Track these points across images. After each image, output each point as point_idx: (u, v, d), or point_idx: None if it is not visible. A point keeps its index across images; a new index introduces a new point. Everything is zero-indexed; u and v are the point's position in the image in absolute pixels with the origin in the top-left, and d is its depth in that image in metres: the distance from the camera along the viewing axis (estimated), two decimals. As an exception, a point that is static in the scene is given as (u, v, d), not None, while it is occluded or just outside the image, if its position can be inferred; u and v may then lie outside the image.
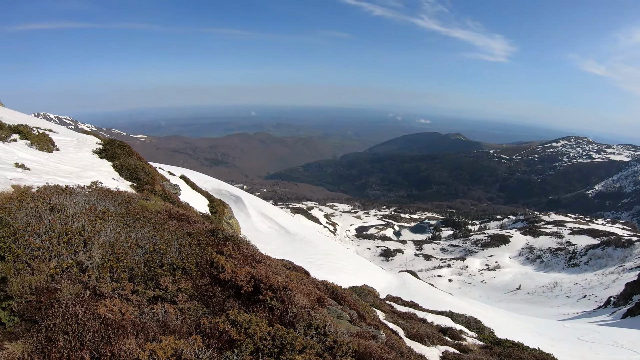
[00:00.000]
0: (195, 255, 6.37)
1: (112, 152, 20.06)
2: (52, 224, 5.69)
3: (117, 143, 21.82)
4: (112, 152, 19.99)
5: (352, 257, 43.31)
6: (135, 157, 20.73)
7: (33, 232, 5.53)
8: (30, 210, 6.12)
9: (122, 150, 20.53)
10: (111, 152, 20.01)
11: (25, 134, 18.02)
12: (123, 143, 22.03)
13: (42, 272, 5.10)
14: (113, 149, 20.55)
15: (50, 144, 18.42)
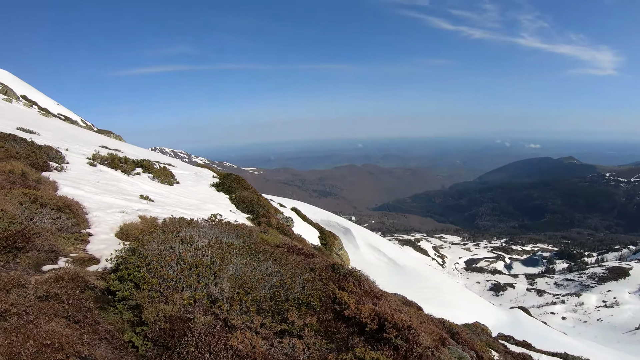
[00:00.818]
0: (319, 291, 7.00)
1: (229, 185, 22.30)
2: (182, 256, 6.78)
3: (232, 177, 24.09)
4: (228, 186, 22.24)
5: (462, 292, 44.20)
6: (251, 191, 22.73)
7: (165, 263, 6.65)
8: (162, 242, 7.29)
9: (238, 183, 22.66)
10: (227, 186, 22.27)
11: (148, 167, 20.86)
12: (238, 177, 24.30)
13: (175, 302, 6.09)
14: (229, 182, 22.81)
15: (171, 177, 21.08)
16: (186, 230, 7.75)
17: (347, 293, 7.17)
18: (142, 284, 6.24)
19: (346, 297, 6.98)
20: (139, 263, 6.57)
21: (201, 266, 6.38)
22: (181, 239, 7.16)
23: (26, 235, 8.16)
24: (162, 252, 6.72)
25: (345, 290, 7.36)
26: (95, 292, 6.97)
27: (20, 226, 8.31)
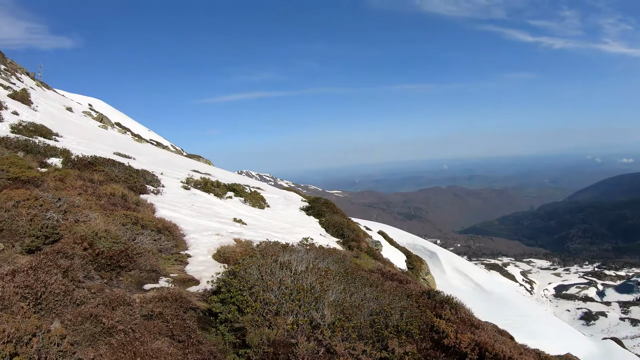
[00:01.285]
0: (417, 318, 7.09)
1: (318, 209, 23.07)
2: (283, 281, 7.19)
3: (322, 201, 24.89)
4: (317, 210, 23.01)
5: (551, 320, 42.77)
6: (340, 214, 23.30)
7: (267, 287, 7.06)
8: (262, 266, 7.69)
9: (327, 207, 23.35)
10: (317, 210, 23.04)
11: (239, 191, 21.99)
12: (327, 201, 25.06)
13: (279, 326, 6.35)
14: (319, 206, 23.59)
15: (262, 201, 22.07)
16: (284, 255, 8.12)
17: (444, 321, 7.16)
18: (245, 307, 6.50)
19: (444, 325, 6.96)
20: (241, 286, 6.87)
21: (302, 291, 6.63)
22: (280, 264, 7.49)
23: (129, 254, 8.95)
24: (263, 277, 6.98)
25: (442, 319, 7.36)
26: (197, 313, 7.32)
27: (123, 246, 9.12)
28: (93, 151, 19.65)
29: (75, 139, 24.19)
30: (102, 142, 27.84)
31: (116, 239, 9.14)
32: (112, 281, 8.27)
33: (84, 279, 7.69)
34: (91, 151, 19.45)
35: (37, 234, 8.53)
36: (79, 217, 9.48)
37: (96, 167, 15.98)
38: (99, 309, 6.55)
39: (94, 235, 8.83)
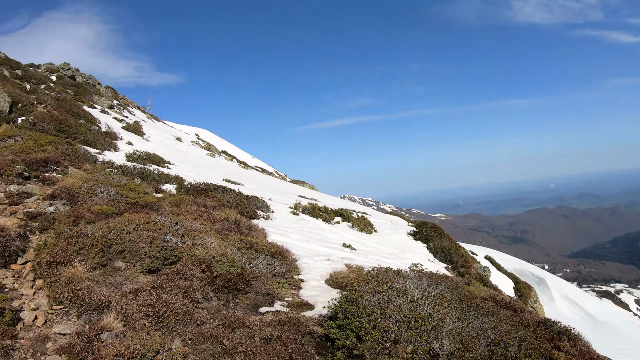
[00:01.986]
0: (536, 350, 6.80)
1: (425, 234, 22.89)
2: (402, 309, 7.17)
3: (429, 225, 24.67)
4: (425, 234, 22.83)
5: None
6: (447, 239, 22.90)
7: (385, 315, 7.07)
8: (378, 293, 7.74)
9: (435, 232, 23.07)
10: (424, 234, 22.87)
11: (347, 216, 22.26)
12: (435, 225, 24.79)
13: (398, 355, 6.35)
14: (426, 231, 23.41)
15: (370, 226, 22.19)
16: (398, 281, 8.07)
17: (563, 354, 6.85)
18: (363, 334, 6.46)
19: (563, 358, 6.72)
20: (359, 313, 6.85)
21: (420, 319, 6.51)
22: (396, 291, 7.44)
23: (246, 278, 9.30)
24: (380, 304, 6.93)
25: (561, 351, 7.06)
26: (314, 338, 7.41)
27: (240, 269, 9.49)
28: (204, 178, 20.75)
29: (186, 166, 25.70)
30: (211, 170, 29.33)
31: (233, 262, 9.57)
32: (228, 303, 8.61)
33: (203, 300, 8.07)
34: (202, 178, 20.55)
35: (157, 255, 9.10)
36: (196, 240, 10.00)
37: (209, 193, 16.89)
38: (218, 330, 6.81)
39: (211, 258, 9.28)
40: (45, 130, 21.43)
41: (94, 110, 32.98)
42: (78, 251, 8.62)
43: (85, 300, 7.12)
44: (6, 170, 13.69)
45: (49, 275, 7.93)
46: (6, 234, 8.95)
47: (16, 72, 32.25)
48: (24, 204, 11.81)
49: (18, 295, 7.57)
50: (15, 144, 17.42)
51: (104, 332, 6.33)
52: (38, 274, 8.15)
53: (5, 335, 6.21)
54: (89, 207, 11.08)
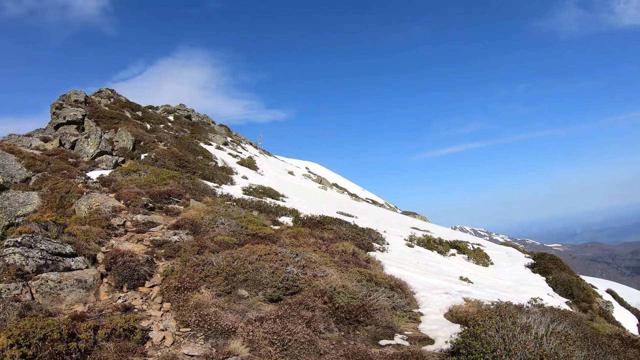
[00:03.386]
0: None
1: (544, 266, 21.87)
2: (526, 345, 6.85)
3: (547, 257, 23.53)
4: (544, 267, 21.82)
5: None
6: (568, 272, 21.72)
7: (510, 352, 6.80)
8: (501, 329, 7.49)
9: (554, 264, 21.98)
10: (543, 266, 21.86)
11: (462, 249, 21.74)
12: (554, 257, 23.55)
13: None
14: (545, 263, 22.37)
15: (486, 258, 21.51)
16: (521, 317, 7.76)
17: None
18: None
19: None
20: (483, 349, 6.66)
21: (546, 357, 6.28)
22: (520, 326, 7.17)
23: (367, 310, 9.27)
24: (505, 340, 6.74)
25: None
26: None
27: (361, 302, 9.50)
28: (317, 210, 21.17)
29: (300, 199, 26.37)
30: (324, 202, 29.85)
31: (353, 294, 9.63)
32: (349, 334, 8.63)
33: (324, 330, 8.15)
34: (315, 210, 20.98)
35: (279, 285, 9.37)
36: (316, 272, 10.19)
37: (325, 226, 17.22)
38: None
39: (332, 290, 9.39)
40: (166, 165, 23.00)
41: (210, 147, 34.93)
42: (204, 278, 9.10)
43: (212, 325, 7.46)
44: (132, 201, 14.78)
45: (176, 299, 8.42)
46: (135, 259, 9.65)
47: (137, 113, 35.19)
48: (150, 232, 12.70)
49: (146, 316, 8.13)
50: (139, 178, 18.85)
51: (230, 356, 6.58)
52: (166, 298, 8.69)
53: (135, 352, 6.66)
54: (211, 237, 11.68)
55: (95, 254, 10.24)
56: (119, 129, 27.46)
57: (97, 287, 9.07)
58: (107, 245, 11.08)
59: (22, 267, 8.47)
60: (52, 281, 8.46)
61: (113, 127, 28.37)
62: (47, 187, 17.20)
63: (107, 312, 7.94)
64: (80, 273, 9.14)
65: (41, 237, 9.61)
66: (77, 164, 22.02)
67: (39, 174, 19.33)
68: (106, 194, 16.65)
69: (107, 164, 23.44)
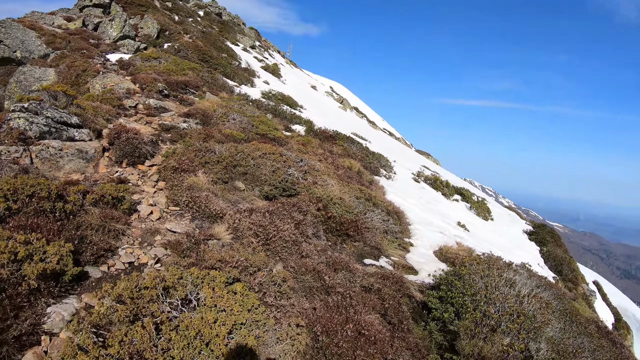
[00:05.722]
0: None
1: (542, 237, 21.87)
2: (507, 299, 6.85)
3: (547, 229, 23.48)
4: (541, 237, 21.83)
5: None
6: (563, 249, 21.81)
7: (490, 300, 6.79)
8: (485, 277, 7.50)
9: (552, 238, 21.98)
10: (540, 237, 21.87)
11: (467, 197, 21.62)
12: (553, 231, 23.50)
13: (493, 343, 6.16)
14: (543, 234, 22.36)
15: (487, 212, 21.41)
16: (508, 272, 7.80)
17: None
18: (463, 312, 6.44)
19: None
20: (464, 290, 6.82)
21: (523, 316, 6.30)
22: (505, 280, 7.18)
23: (358, 226, 9.30)
24: (487, 287, 6.83)
25: None
26: (411, 302, 7.37)
27: (354, 217, 9.57)
28: (333, 127, 21.01)
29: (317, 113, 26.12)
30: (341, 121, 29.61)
31: (349, 208, 9.66)
32: (336, 246, 8.73)
33: (312, 236, 8.22)
34: (331, 127, 20.81)
35: (277, 184, 9.41)
36: (317, 180, 10.21)
37: (336, 141, 17.17)
38: (322, 267, 6.91)
39: (328, 199, 9.42)
40: (188, 57, 22.81)
41: (237, 47, 34.38)
42: (204, 164, 9.16)
43: (201, 208, 7.57)
44: (148, 86, 14.75)
45: (171, 179, 8.55)
46: (139, 138, 9.72)
47: (166, 3, 34.60)
48: (160, 117, 12.74)
49: (139, 191, 8.29)
50: (159, 65, 18.76)
51: (212, 239, 6.69)
52: (162, 177, 8.84)
53: (120, 220, 6.81)
54: (220, 130, 11.67)
55: (102, 130, 10.30)
56: (145, 16, 27.14)
57: (97, 159, 9.17)
58: (115, 124, 11.12)
59: (25, 132, 8.57)
60: (53, 148, 8.56)
61: (140, 13, 28.07)
62: (65, 65, 17.34)
63: (101, 183, 8.03)
64: (82, 144, 9.21)
65: (48, 105, 9.65)
66: (97, 45, 22.05)
67: (58, 52, 19.57)
68: (123, 76, 16.62)
69: (128, 48, 23.30)
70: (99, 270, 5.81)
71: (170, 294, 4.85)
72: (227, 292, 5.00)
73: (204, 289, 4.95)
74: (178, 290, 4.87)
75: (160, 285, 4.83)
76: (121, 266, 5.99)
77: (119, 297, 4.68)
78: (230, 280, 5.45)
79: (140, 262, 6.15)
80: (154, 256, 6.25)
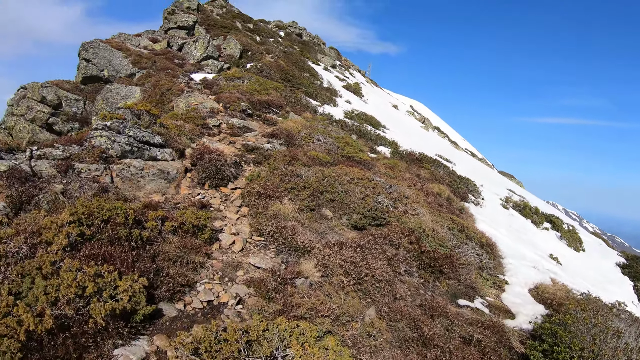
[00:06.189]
0: None
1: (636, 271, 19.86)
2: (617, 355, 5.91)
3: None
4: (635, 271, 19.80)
5: None
6: None
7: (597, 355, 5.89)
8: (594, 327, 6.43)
9: None
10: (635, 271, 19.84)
11: (557, 225, 19.91)
12: None
13: None
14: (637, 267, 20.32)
15: (579, 242, 19.65)
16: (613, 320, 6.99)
17: None
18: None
19: None
20: (572, 344, 6.15)
21: None
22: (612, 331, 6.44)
23: (453, 262, 8.41)
24: (596, 341, 6.15)
25: None
26: (511, 354, 6.60)
27: (449, 251, 8.63)
28: (417, 148, 20.19)
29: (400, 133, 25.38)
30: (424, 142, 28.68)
31: (442, 241, 8.79)
32: (428, 284, 7.86)
33: (404, 273, 7.42)
34: (415, 148, 20.01)
35: (366, 213, 8.67)
36: (407, 208, 9.42)
37: (423, 164, 16.38)
38: (417, 312, 6.14)
39: (421, 231, 8.58)
40: (271, 77, 22.81)
41: (318, 67, 34.38)
42: (289, 190, 8.58)
43: (287, 240, 6.92)
44: (231, 105, 14.60)
45: (256, 205, 7.98)
46: (222, 159, 9.31)
47: (247, 25, 35.32)
48: (244, 136, 12.43)
49: (221, 217, 7.77)
50: (242, 85, 18.78)
51: (299, 277, 5.98)
52: (245, 202, 8.30)
53: (200, 251, 6.28)
54: (305, 152, 11.15)
55: (184, 149, 10.05)
56: (228, 37, 27.77)
57: (179, 180, 8.79)
58: (198, 143, 10.90)
59: (106, 151, 8.37)
60: (135, 167, 8.27)
61: (222, 35, 28.77)
62: (150, 83, 17.72)
63: (182, 206, 7.59)
64: (164, 164, 8.89)
65: (131, 124, 9.47)
66: (182, 65, 22.54)
67: (144, 71, 20.17)
68: (206, 95, 16.67)
69: (211, 68, 23.77)
70: (175, 307, 5.27)
71: (254, 349, 4.17)
72: (318, 349, 4.25)
73: (292, 344, 4.24)
74: (263, 346, 4.18)
75: (243, 339, 4.15)
76: (199, 305, 5.41)
77: (195, 350, 4.03)
78: (321, 334, 4.70)
79: (219, 301, 5.56)
80: (235, 295, 5.64)
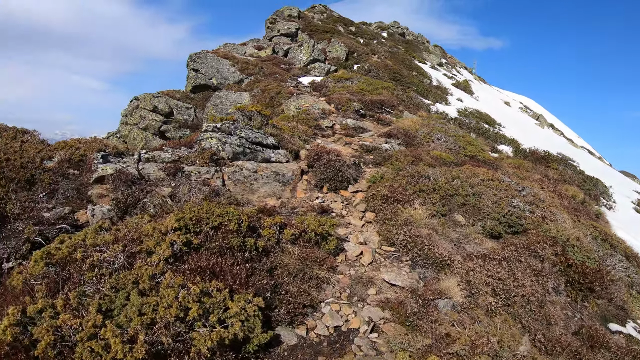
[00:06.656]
0: None
1: None
2: None
3: None
4: None
5: None
6: None
7: None
8: None
9: None
10: None
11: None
12: None
13: None
14: None
15: None
16: None
17: None
18: None
19: None
20: None
21: None
22: None
23: (603, 278, 7.23)
24: None
25: None
26: None
27: (597, 264, 7.49)
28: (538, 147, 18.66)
29: (517, 131, 23.85)
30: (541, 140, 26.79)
31: (589, 252, 7.58)
32: (575, 303, 6.72)
33: (552, 291, 6.35)
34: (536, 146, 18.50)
35: (501, 219, 7.67)
36: (546, 213, 8.28)
37: (549, 163, 15.08)
38: (576, 343, 5.13)
39: (564, 240, 7.43)
40: (379, 77, 22.40)
41: (424, 65, 33.40)
42: (418, 193, 7.76)
43: (423, 251, 6.08)
44: (343, 106, 14.25)
45: (383, 210, 7.21)
46: (341, 160, 8.69)
47: (349, 28, 35.21)
48: (359, 137, 11.91)
49: (344, 223, 7.02)
50: (351, 86, 18.53)
51: (442, 298, 5.08)
52: (370, 206, 7.52)
53: (324, 264, 5.53)
54: (427, 151, 10.28)
55: (299, 150, 9.60)
56: (332, 40, 27.85)
57: (295, 183, 8.24)
58: (313, 144, 10.46)
59: (217, 153, 8.07)
60: (247, 170, 7.83)
61: (325, 39, 28.86)
62: (258, 89, 17.96)
63: (300, 211, 6.99)
64: (279, 166, 8.40)
65: (242, 125, 9.13)
66: (289, 69, 22.85)
67: (252, 77, 20.60)
68: (316, 97, 16.50)
69: (319, 71, 23.96)
70: (295, 334, 4.57)
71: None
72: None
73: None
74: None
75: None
76: (324, 331, 4.66)
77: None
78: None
79: (349, 327, 4.78)
80: (368, 319, 4.85)
